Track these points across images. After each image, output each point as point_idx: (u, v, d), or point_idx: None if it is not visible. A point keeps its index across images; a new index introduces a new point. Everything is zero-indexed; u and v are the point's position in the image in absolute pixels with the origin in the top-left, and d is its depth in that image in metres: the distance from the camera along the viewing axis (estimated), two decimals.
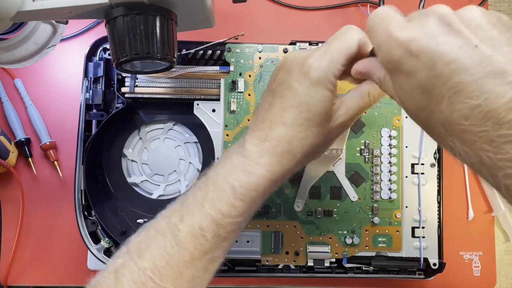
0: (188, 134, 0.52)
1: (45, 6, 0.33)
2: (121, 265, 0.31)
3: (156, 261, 0.30)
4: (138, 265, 0.30)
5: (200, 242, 0.31)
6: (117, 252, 0.33)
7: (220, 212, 0.31)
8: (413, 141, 0.48)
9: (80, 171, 0.47)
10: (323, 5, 0.58)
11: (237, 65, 0.48)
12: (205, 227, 0.31)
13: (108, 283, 0.30)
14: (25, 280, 0.52)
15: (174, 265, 0.30)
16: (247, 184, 0.32)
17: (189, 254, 0.31)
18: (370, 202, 0.48)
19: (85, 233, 0.47)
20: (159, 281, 0.30)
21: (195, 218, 0.31)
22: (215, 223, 0.31)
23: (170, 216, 0.32)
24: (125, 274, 0.30)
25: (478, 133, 0.22)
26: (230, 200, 0.31)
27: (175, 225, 0.31)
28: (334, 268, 0.48)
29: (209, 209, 0.31)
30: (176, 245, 0.31)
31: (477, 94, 0.21)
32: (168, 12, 0.35)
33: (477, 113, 0.21)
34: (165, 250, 0.31)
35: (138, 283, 0.30)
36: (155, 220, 0.33)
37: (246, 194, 0.32)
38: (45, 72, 0.55)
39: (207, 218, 0.31)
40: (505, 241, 0.55)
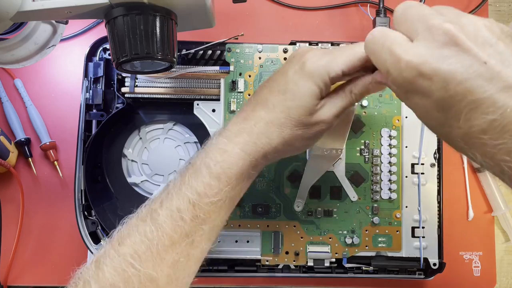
0: (188, 134, 0.52)
1: (45, 6, 0.33)
2: (103, 254, 0.31)
3: (136, 246, 0.30)
4: (118, 252, 0.30)
5: (179, 224, 0.31)
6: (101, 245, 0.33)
7: (196, 192, 0.31)
8: (413, 141, 0.48)
9: (80, 171, 0.47)
10: (323, 5, 0.58)
11: (237, 65, 0.48)
12: (183, 209, 0.31)
13: (90, 273, 0.30)
14: (25, 280, 0.52)
15: (154, 250, 0.30)
16: (221, 162, 0.32)
17: (169, 238, 0.31)
18: (370, 202, 0.48)
19: (85, 233, 0.47)
20: (139, 266, 0.30)
21: (173, 201, 0.32)
22: (192, 203, 0.31)
23: (151, 203, 0.33)
24: (105, 262, 0.30)
25: (497, 145, 0.22)
26: (206, 179, 0.32)
27: (154, 210, 0.32)
28: (334, 268, 0.48)
29: (185, 190, 0.32)
30: (155, 229, 0.31)
31: (492, 110, 0.22)
32: (168, 12, 0.35)
33: (495, 127, 0.22)
34: (145, 235, 0.31)
35: (119, 269, 0.29)
36: (138, 209, 0.33)
37: (221, 173, 0.32)
38: (45, 72, 0.55)
39: (184, 199, 0.31)
40: (505, 241, 0.55)
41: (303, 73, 0.32)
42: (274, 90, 0.33)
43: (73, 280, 0.31)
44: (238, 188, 0.33)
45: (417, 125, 0.48)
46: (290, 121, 0.32)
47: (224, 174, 0.32)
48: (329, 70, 0.31)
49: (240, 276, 0.48)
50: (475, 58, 0.22)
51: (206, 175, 0.32)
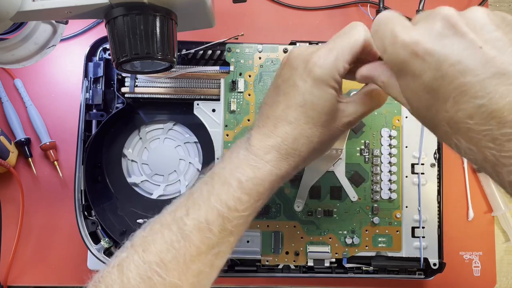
0: (188, 134, 0.52)
1: (45, 6, 0.33)
2: (125, 259, 0.30)
3: (162, 255, 0.30)
4: (143, 258, 0.30)
5: (207, 236, 0.31)
6: (121, 247, 0.32)
7: (226, 206, 0.31)
8: (413, 141, 0.48)
9: (80, 171, 0.47)
10: (323, 5, 0.58)
11: (237, 65, 0.48)
12: (211, 221, 0.31)
13: (112, 277, 0.30)
14: (25, 280, 0.52)
15: (181, 259, 0.30)
16: (254, 178, 0.32)
17: (196, 248, 0.30)
18: (370, 202, 0.48)
19: (85, 233, 0.47)
20: (165, 275, 0.29)
21: (201, 212, 0.31)
22: (222, 217, 0.31)
23: (175, 210, 0.32)
24: (130, 268, 0.30)
25: (482, 131, 0.23)
26: (237, 194, 0.31)
27: (180, 218, 0.31)
28: (334, 268, 0.48)
29: (215, 202, 0.31)
30: (182, 239, 0.30)
31: (481, 94, 0.22)
32: (168, 12, 0.35)
33: (482, 112, 0.22)
34: (171, 244, 0.30)
35: (144, 276, 0.29)
36: (160, 214, 0.33)
37: (253, 189, 0.32)
38: (45, 72, 0.55)
39: (213, 211, 0.31)
40: (505, 241, 0.55)
41: (314, 81, 0.31)
42: (291, 105, 0.32)
43: (92, 282, 0.31)
44: (266, 200, 0.33)
45: (417, 125, 0.48)
46: (317, 129, 0.32)
47: (256, 190, 0.32)
48: (338, 67, 0.31)
49: (240, 276, 0.48)
50: (471, 42, 0.23)
51: (238, 189, 0.31)
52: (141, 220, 0.49)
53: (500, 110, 0.22)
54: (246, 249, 0.47)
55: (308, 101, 0.31)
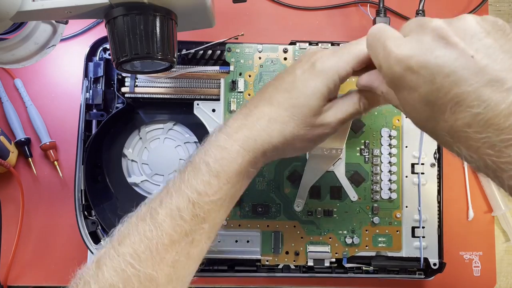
0: (188, 134, 0.52)
1: (45, 6, 0.33)
2: (103, 254, 0.31)
3: (135, 246, 0.30)
4: (117, 251, 0.30)
5: (178, 223, 0.31)
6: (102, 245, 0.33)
7: (195, 191, 0.31)
8: (413, 141, 0.48)
9: (80, 171, 0.47)
10: (323, 5, 0.58)
11: (237, 65, 0.48)
12: (182, 208, 0.31)
13: (90, 273, 0.30)
14: (25, 280, 0.52)
15: (154, 249, 0.30)
16: (221, 159, 0.32)
17: (168, 237, 0.30)
18: (370, 202, 0.48)
19: (85, 233, 0.47)
20: (139, 266, 0.29)
21: (172, 200, 0.31)
22: (192, 202, 0.31)
23: (150, 202, 0.33)
24: (105, 262, 0.30)
25: (481, 139, 0.23)
26: (205, 178, 0.31)
27: (154, 209, 0.31)
28: (334, 268, 0.48)
29: (185, 189, 0.31)
30: (154, 228, 0.30)
31: (477, 103, 0.22)
32: (168, 12, 0.35)
33: (479, 120, 0.22)
34: (144, 234, 0.30)
35: (118, 269, 0.29)
36: (138, 208, 0.33)
37: (221, 171, 0.32)
38: (45, 72, 0.55)
39: (183, 198, 0.31)
40: (505, 241, 0.55)
41: (312, 73, 0.31)
42: (280, 88, 0.33)
43: (74, 280, 0.31)
44: (238, 186, 0.33)
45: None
46: (293, 119, 0.32)
47: (224, 172, 0.32)
48: (339, 69, 0.31)
49: (240, 276, 0.48)
50: (462, 52, 0.23)
51: (206, 173, 0.31)
52: None
53: (497, 117, 0.22)
54: (246, 249, 0.47)
55: (298, 88, 0.32)
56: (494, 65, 0.22)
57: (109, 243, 0.31)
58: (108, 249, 0.31)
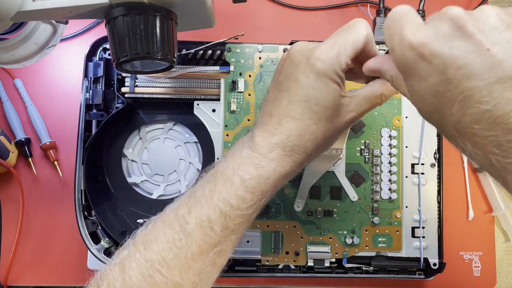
0: (188, 134, 0.52)
1: (45, 6, 0.33)
2: (127, 257, 0.30)
3: (164, 253, 0.30)
4: (145, 257, 0.30)
5: (209, 235, 0.31)
6: (122, 245, 0.32)
7: (228, 204, 0.31)
8: (413, 141, 0.48)
9: (80, 171, 0.47)
10: (323, 5, 0.58)
11: (237, 65, 0.48)
12: (214, 219, 0.31)
13: (114, 275, 0.30)
14: (25, 280, 0.52)
15: (182, 258, 0.30)
16: (257, 177, 0.31)
17: (198, 247, 0.30)
18: (370, 202, 0.48)
19: (85, 233, 0.47)
20: (167, 274, 0.29)
21: (203, 210, 0.31)
22: (224, 215, 0.31)
23: (177, 208, 0.32)
24: (131, 266, 0.30)
25: (487, 137, 0.22)
26: (240, 193, 0.31)
27: (183, 217, 0.31)
28: (334, 268, 0.48)
29: (217, 201, 0.31)
30: (184, 237, 0.30)
31: (487, 100, 0.21)
32: (168, 12, 0.35)
33: (487, 118, 0.22)
34: (173, 242, 0.30)
35: (146, 275, 0.29)
36: (162, 213, 0.33)
37: (256, 187, 0.31)
38: (45, 72, 0.55)
39: (215, 210, 0.31)
40: (505, 241, 0.55)
41: (317, 76, 0.31)
42: (295, 100, 0.32)
43: (94, 279, 0.31)
44: (269, 197, 0.33)
45: (417, 125, 0.48)
46: (322, 124, 0.32)
47: (259, 188, 0.31)
48: (340, 62, 0.30)
49: (240, 276, 0.48)
50: (478, 44, 0.22)
51: (240, 188, 0.31)
52: (141, 220, 0.49)
53: (506, 116, 0.21)
54: (246, 249, 0.47)
55: (312, 95, 0.31)
56: (510, 60, 0.21)
57: (133, 246, 0.31)
58: (132, 252, 0.31)
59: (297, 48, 0.33)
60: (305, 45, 0.33)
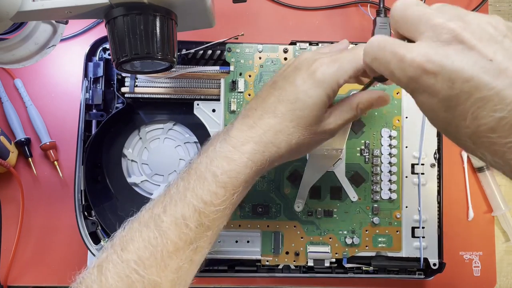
0: (188, 134, 0.52)
1: (45, 6, 0.33)
2: (105, 259, 0.31)
3: (140, 252, 0.30)
4: (121, 257, 0.30)
5: (184, 232, 0.31)
6: (102, 248, 0.33)
7: (202, 201, 0.31)
8: (413, 141, 0.48)
9: (80, 171, 0.47)
10: (323, 5, 0.58)
11: (237, 65, 0.48)
12: (188, 216, 0.31)
13: (92, 277, 0.30)
14: (25, 280, 0.52)
15: (158, 256, 0.30)
16: (229, 171, 0.32)
17: (173, 244, 0.31)
18: (370, 202, 0.48)
19: (85, 233, 0.47)
20: (143, 273, 0.30)
21: (177, 208, 0.31)
22: (198, 212, 0.31)
23: (153, 207, 0.33)
24: (108, 267, 0.30)
25: (506, 144, 0.22)
26: (212, 188, 0.31)
27: (158, 216, 0.31)
28: (334, 268, 0.48)
29: (191, 198, 0.31)
30: (159, 236, 0.31)
31: (501, 107, 0.21)
32: (168, 12, 0.35)
33: (504, 124, 0.22)
34: (149, 241, 0.30)
35: (122, 275, 0.29)
36: (139, 213, 0.33)
37: (228, 182, 0.32)
38: (45, 72, 0.55)
39: (189, 207, 0.31)
40: (505, 241, 0.55)
41: (313, 83, 0.32)
42: (283, 99, 0.33)
43: (74, 284, 0.31)
44: (242, 194, 0.34)
45: (417, 125, 0.48)
46: (299, 130, 0.32)
47: (231, 183, 0.32)
48: (338, 78, 0.31)
49: (240, 276, 0.48)
50: (481, 55, 0.22)
51: (213, 183, 0.32)
52: None
53: None
54: (246, 249, 0.47)
55: (301, 99, 0.32)
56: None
57: (111, 248, 0.31)
58: (110, 254, 0.31)
59: (303, 56, 0.34)
60: (312, 54, 0.34)
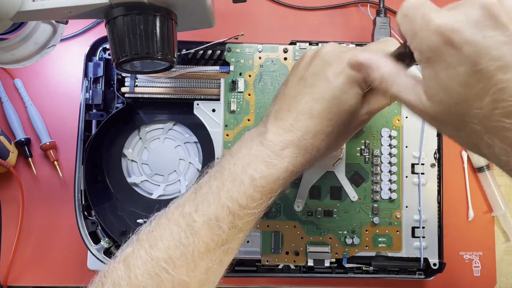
0: (188, 134, 0.52)
1: (45, 6, 0.33)
2: (131, 254, 0.30)
3: (170, 251, 0.30)
4: (150, 254, 0.29)
5: (216, 233, 0.30)
6: (126, 242, 0.32)
7: (237, 203, 0.30)
8: (413, 141, 0.48)
9: (80, 171, 0.47)
10: (323, 5, 0.58)
11: (237, 65, 0.48)
12: (221, 218, 0.30)
13: (119, 273, 0.29)
14: (25, 280, 0.52)
15: (189, 256, 0.30)
16: (268, 176, 0.31)
17: (205, 245, 0.30)
18: (370, 202, 0.48)
19: (85, 233, 0.47)
20: (173, 272, 0.29)
21: (210, 209, 0.30)
22: (232, 214, 0.30)
23: (183, 205, 0.32)
24: (136, 263, 0.29)
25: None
26: (249, 192, 0.31)
27: (189, 214, 0.31)
28: (334, 268, 0.48)
29: (225, 199, 0.31)
30: (191, 235, 0.30)
31: None
32: (168, 12, 0.35)
33: None
34: (179, 240, 0.30)
35: (152, 273, 0.29)
36: (167, 209, 0.32)
37: (266, 186, 0.31)
38: (45, 72, 0.55)
39: (223, 209, 0.30)
40: (505, 241, 0.55)
41: (347, 78, 0.31)
42: (318, 98, 0.31)
43: (98, 277, 0.30)
44: (277, 195, 0.33)
45: (417, 125, 0.48)
46: (336, 127, 0.32)
47: (269, 187, 0.31)
48: None
49: (240, 276, 0.48)
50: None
51: (250, 187, 0.31)
52: (141, 220, 0.49)
53: None
54: (246, 249, 0.47)
55: (337, 96, 0.31)
56: None
57: (137, 243, 0.31)
58: (137, 249, 0.30)
59: (330, 48, 0.33)
60: (337, 46, 0.33)
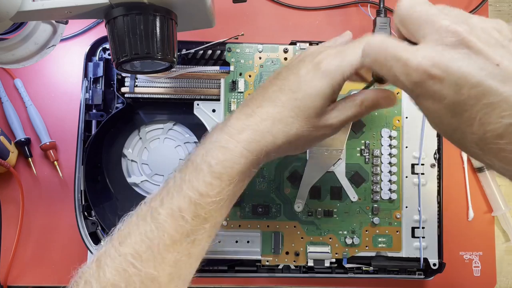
0: (188, 134, 0.52)
1: (45, 6, 0.33)
2: (103, 253, 0.30)
3: (137, 246, 0.30)
4: (119, 251, 0.30)
5: (180, 224, 0.30)
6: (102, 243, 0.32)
7: (197, 192, 0.31)
8: (413, 141, 0.48)
9: (80, 171, 0.47)
10: (323, 5, 0.57)
11: (237, 65, 0.48)
12: (184, 208, 0.31)
13: (91, 272, 0.30)
14: (25, 280, 0.52)
15: (155, 249, 0.30)
16: (224, 161, 0.31)
17: (170, 237, 0.30)
18: (370, 202, 0.48)
19: (85, 233, 0.47)
20: (140, 266, 0.29)
21: (174, 200, 0.31)
22: (193, 203, 0.31)
23: (151, 201, 0.32)
24: (106, 262, 0.30)
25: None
26: (207, 179, 0.31)
27: (155, 209, 0.31)
28: (334, 268, 0.48)
29: (187, 189, 0.31)
30: (156, 229, 0.30)
31: (509, 113, 0.21)
32: (168, 12, 0.35)
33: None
34: (145, 234, 0.30)
35: (119, 269, 0.29)
36: (138, 207, 0.33)
37: (223, 172, 0.31)
38: (45, 72, 0.55)
39: (185, 199, 0.31)
40: (505, 241, 0.55)
41: (317, 73, 0.31)
42: (285, 89, 0.32)
43: (74, 279, 0.31)
44: (239, 186, 0.33)
45: (417, 125, 0.48)
46: (298, 121, 0.32)
47: (226, 173, 0.31)
48: (344, 69, 0.30)
49: (240, 276, 0.48)
50: (488, 60, 0.22)
51: (208, 174, 0.31)
52: None
53: None
54: (246, 249, 0.47)
55: (303, 89, 0.31)
56: None
57: (109, 243, 0.31)
58: (108, 248, 0.31)
59: (310, 49, 0.34)
60: (318, 48, 0.33)
